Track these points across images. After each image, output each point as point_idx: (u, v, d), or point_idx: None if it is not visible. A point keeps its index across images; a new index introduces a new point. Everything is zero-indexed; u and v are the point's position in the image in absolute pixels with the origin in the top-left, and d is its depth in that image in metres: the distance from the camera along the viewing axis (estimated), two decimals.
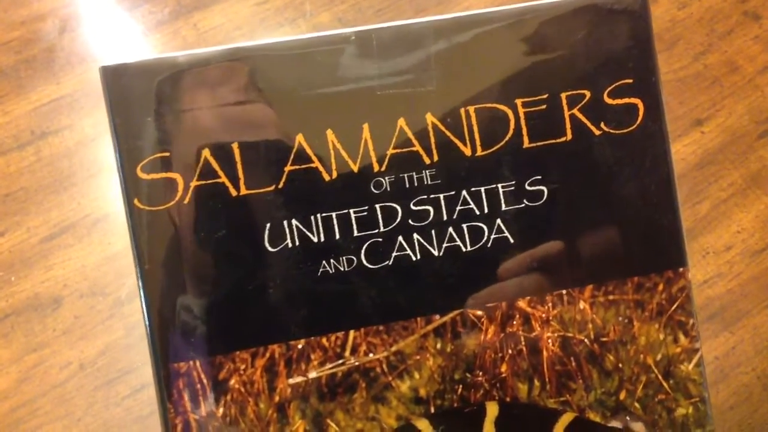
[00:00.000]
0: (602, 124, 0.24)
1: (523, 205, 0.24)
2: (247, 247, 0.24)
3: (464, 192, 0.24)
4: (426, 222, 0.24)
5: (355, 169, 0.24)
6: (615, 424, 0.24)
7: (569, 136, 0.24)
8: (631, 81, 0.24)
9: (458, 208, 0.24)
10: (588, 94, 0.24)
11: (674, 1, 0.53)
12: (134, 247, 0.24)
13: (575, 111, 0.24)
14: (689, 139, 0.50)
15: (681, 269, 0.25)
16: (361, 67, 0.24)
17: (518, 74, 0.23)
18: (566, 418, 0.24)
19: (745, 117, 0.50)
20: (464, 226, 0.24)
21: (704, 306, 0.43)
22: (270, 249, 0.24)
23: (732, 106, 0.51)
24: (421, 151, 0.24)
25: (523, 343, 0.24)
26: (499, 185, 0.24)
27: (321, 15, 0.47)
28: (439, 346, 0.24)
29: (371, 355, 0.24)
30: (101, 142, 0.44)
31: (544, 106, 0.24)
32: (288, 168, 0.24)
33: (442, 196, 0.24)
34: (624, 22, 0.24)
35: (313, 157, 0.24)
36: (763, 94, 0.52)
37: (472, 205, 0.24)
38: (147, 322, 0.24)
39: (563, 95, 0.24)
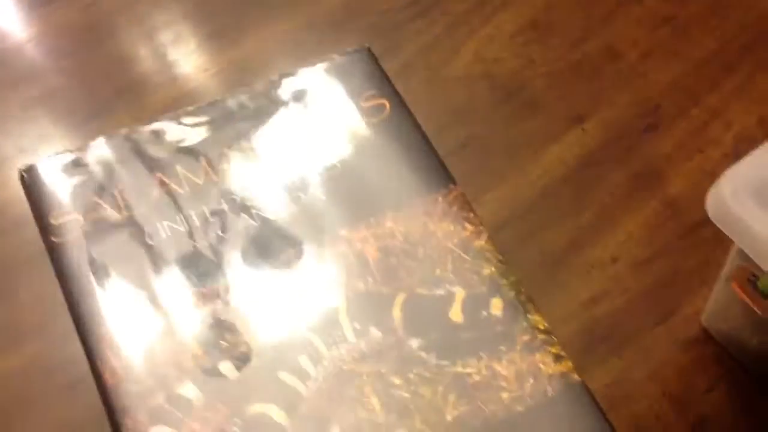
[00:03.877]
0: (364, 118, 0.51)
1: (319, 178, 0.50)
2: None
3: None
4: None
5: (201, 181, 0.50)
6: (439, 292, 0.45)
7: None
8: (375, 91, 0.53)
9: None
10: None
11: None
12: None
13: None
14: (570, 138, 0.60)
15: (451, 186, 0.49)
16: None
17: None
18: (400, 298, 0.45)
19: (628, 109, 0.61)
20: None
21: (591, 328, 0.52)
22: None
23: (614, 97, 0.62)
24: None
25: (353, 256, 0.47)
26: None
27: None
28: None
29: None
30: None
31: None
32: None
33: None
34: (358, 65, 0.54)
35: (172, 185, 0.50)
36: (647, 81, 0.62)
37: None
38: None
39: None
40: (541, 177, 0.59)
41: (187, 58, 0.63)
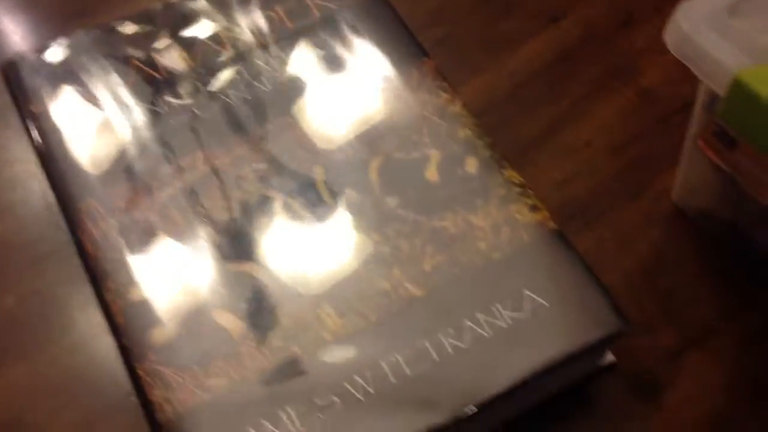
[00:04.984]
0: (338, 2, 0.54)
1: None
2: None
3: None
4: None
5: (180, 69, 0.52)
6: (414, 155, 0.48)
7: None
8: None
9: None
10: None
11: None
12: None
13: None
14: (547, 36, 0.60)
15: (424, 58, 0.51)
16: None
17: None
18: (376, 162, 0.48)
19: (605, 8, 0.61)
20: None
21: (563, 205, 0.53)
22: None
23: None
24: None
25: (329, 127, 0.49)
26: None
27: None
28: None
29: None
30: None
31: None
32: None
33: None
34: None
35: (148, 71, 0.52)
36: None
37: None
38: None
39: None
40: (517, 70, 0.59)
41: None
